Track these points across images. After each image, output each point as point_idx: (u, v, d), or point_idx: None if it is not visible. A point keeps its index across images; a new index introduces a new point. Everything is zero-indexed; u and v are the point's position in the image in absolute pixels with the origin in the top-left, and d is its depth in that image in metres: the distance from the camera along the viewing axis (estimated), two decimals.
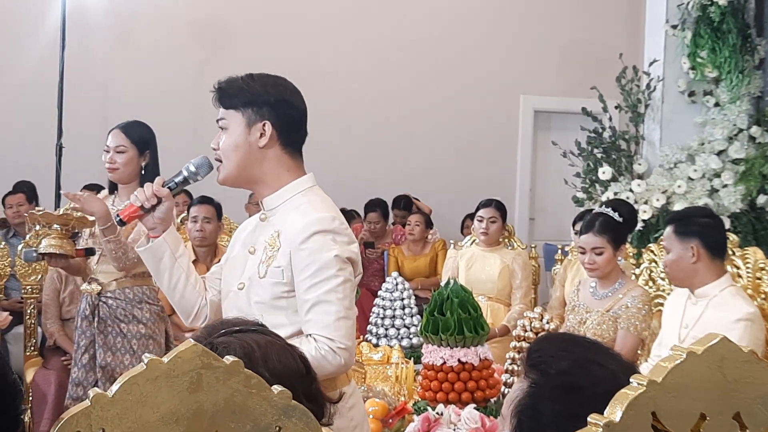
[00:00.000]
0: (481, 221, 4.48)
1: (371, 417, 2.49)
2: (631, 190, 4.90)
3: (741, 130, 4.94)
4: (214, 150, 1.90)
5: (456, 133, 7.44)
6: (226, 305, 1.97)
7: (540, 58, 7.54)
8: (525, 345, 2.99)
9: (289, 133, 1.89)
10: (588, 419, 0.77)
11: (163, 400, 0.75)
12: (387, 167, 7.20)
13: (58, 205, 5.60)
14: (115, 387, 0.74)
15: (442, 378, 2.78)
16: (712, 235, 2.96)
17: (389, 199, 6.71)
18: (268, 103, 1.86)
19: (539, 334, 2.91)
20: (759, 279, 3.18)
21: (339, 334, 1.77)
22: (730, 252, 3.32)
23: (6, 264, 4.25)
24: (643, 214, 4.76)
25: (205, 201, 4.23)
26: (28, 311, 4.15)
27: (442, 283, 2.94)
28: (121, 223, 1.97)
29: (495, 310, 4.36)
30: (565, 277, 4.30)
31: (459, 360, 2.76)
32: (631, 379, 0.78)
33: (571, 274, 4.24)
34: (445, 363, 2.77)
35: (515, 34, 7.56)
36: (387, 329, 3.68)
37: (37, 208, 3.36)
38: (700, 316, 2.89)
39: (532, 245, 5.37)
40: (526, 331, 3.06)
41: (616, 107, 5.37)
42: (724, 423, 0.80)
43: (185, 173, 1.95)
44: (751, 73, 5.02)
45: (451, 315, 2.74)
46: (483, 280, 4.40)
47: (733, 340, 0.82)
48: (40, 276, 4.18)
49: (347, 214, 4.83)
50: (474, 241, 4.72)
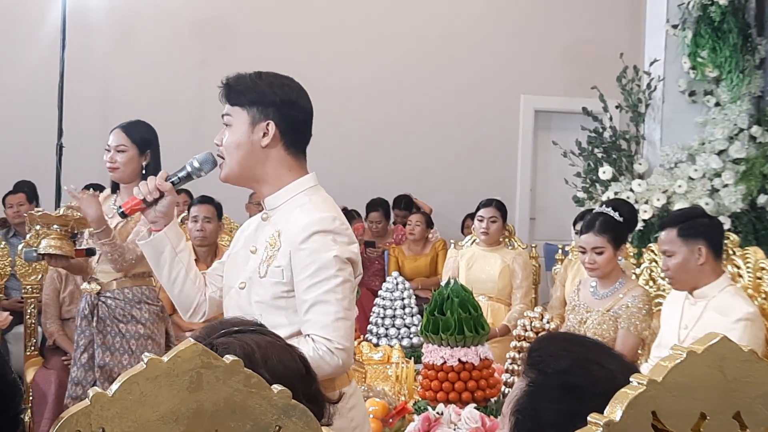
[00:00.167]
0: (481, 221, 4.48)
1: (371, 417, 2.49)
2: (631, 190, 4.90)
3: (741, 130, 4.93)
4: (217, 146, 1.90)
5: (457, 132, 7.44)
6: (228, 303, 1.97)
7: (541, 57, 7.54)
8: (525, 345, 2.99)
9: (293, 134, 1.88)
10: (588, 418, 0.77)
11: (163, 400, 0.74)
12: (387, 167, 7.20)
13: (58, 205, 5.59)
14: (115, 386, 0.74)
15: (442, 378, 2.78)
16: (716, 235, 2.97)
17: (390, 198, 6.71)
18: (273, 104, 1.85)
19: (540, 334, 2.91)
20: (759, 279, 3.17)
21: (337, 335, 1.76)
22: (731, 252, 3.32)
23: (6, 264, 4.25)
24: (644, 213, 4.76)
25: (205, 201, 4.23)
26: (29, 311, 4.15)
27: (443, 283, 2.94)
28: (123, 215, 1.97)
29: (495, 309, 4.35)
30: (566, 277, 4.30)
31: (459, 360, 2.76)
32: (631, 379, 0.78)
33: (572, 273, 4.24)
34: (445, 363, 2.77)
35: (516, 34, 7.55)
36: (387, 329, 3.68)
37: (36, 208, 3.36)
38: (699, 316, 2.89)
39: (533, 245, 5.37)
40: (526, 330, 3.06)
41: (617, 107, 5.37)
42: (725, 422, 0.80)
43: (189, 168, 1.95)
44: (752, 73, 5.02)
45: (452, 315, 2.73)
46: (483, 280, 4.39)
47: (733, 339, 0.82)
48: (40, 276, 4.18)
49: (348, 214, 4.81)
50: (474, 240, 4.72)
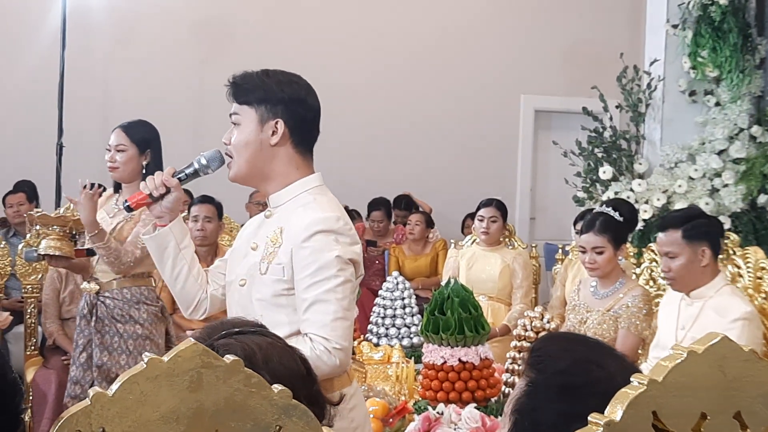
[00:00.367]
0: (481, 221, 4.48)
1: (372, 416, 2.49)
2: (631, 190, 4.90)
3: (742, 130, 4.93)
4: (226, 145, 1.89)
5: (457, 132, 7.44)
6: (230, 300, 1.97)
7: (541, 57, 7.54)
8: (525, 344, 2.99)
9: (301, 132, 1.88)
10: (588, 418, 0.77)
11: (164, 399, 0.74)
12: (388, 167, 7.19)
13: (58, 205, 5.59)
14: (115, 386, 0.74)
15: (442, 377, 2.78)
16: (717, 236, 2.96)
17: (390, 198, 6.71)
18: (282, 101, 1.84)
19: (540, 334, 2.91)
20: (760, 278, 3.17)
21: (335, 335, 1.75)
22: (731, 252, 3.32)
23: (6, 263, 4.25)
24: (644, 213, 4.76)
25: (205, 200, 4.23)
26: (29, 311, 4.15)
27: (443, 283, 2.94)
28: (129, 209, 1.98)
29: (495, 309, 4.35)
30: (566, 277, 4.30)
31: (459, 359, 2.76)
32: (631, 378, 0.78)
33: (572, 273, 4.24)
34: (445, 362, 2.77)
35: (516, 34, 7.55)
36: (387, 329, 3.68)
37: (36, 209, 3.36)
38: (696, 317, 2.88)
39: (533, 245, 5.37)
40: (526, 330, 3.06)
41: (617, 107, 5.37)
42: (725, 422, 0.80)
43: (196, 165, 1.95)
44: (752, 73, 5.01)
45: (452, 314, 2.73)
46: (483, 280, 4.39)
47: (732, 339, 0.82)
48: (40, 275, 4.18)
49: (348, 214, 4.80)
50: (475, 240, 4.72)
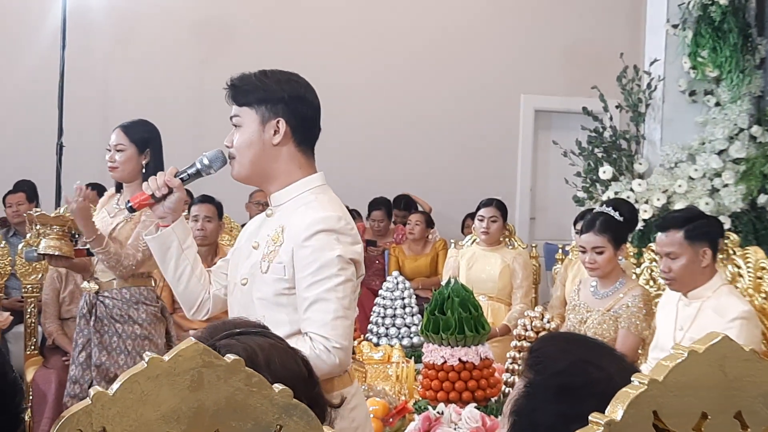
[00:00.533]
0: (481, 221, 4.48)
1: (372, 416, 2.49)
2: (631, 190, 4.90)
3: (742, 130, 4.93)
4: (228, 147, 1.89)
5: (457, 132, 7.44)
6: (231, 300, 1.97)
7: (541, 57, 7.54)
8: (525, 344, 2.99)
9: (303, 131, 1.88)
10: (589, 418, 0.77)
11: (164, 399, 0.74)
12: (387, 167, 7.19)
13: (58, 205, 5.59)
14: (115, 385, 0.74)
15: (442, 377, 2.78)
16: (718, 237, 2.96)
17: (390, 198, 6.70)
18: (282, 100, 1.84)
19: (540, 334, 2.91)
20: (760, 278, 3.17)
21: (335, 334, 1.75)
22: (731, 252, 3.32)
23: (6, 263, 4.25)
24: (644, 213, 4.76)
25: (206, 200, 4.23)
26: (29, 310, 4.15)
27: (443, 283, 2.94)
28: (131, 209, 1.98)
29: (496, 309, 4.35)
30: (566, 277, 4.30)
31: (460, 359, 2.76)
32: (632, 378, 0.78)
33: (572, 273, 4.24)
34: (445, 362, 2.77)
35: (516, 34, 7.55)
36: (388, 328, 3.68)
37: (35, 209, 3.36)
38: (695, 317, 2.88)
39: (533, 244, 5.37)
40: (526, 330, 3.06)
41: (617, 107, 5.37)
42: (726, 422, 0.80)
43: (198, 165, 1.94)
44: (752, 73, 5.02)
45: (452, 314, 2.74)
46: (484, 280, 4.39)
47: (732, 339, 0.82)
48: (40, 275, 4.18)
49: (349, 213, 4.80)
50: (475, 240, 4.72)
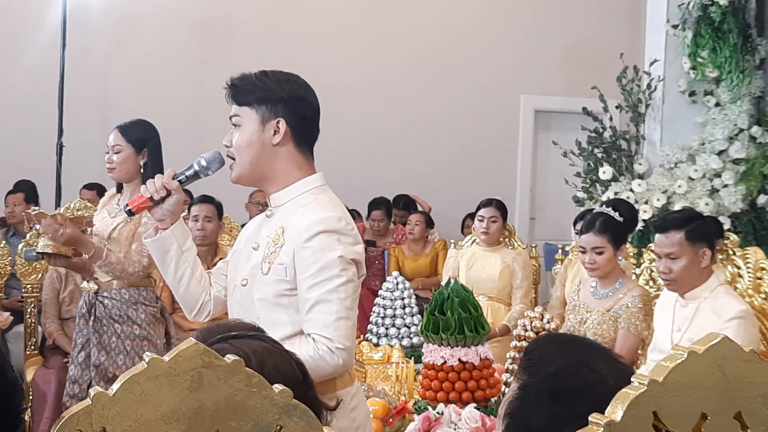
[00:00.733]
0: (481, 221, 4.48)
1: (371, 416, 2.49)
2: (631, 190, 4.91)
3: (741, 130, 4.94)
4: (227, 147, 1.89)
5: (457, 132, 7.44)
6: (231, 301, 1.96)
7: (541, 57, 7.54)
8: (525, 345, 2.99)
9: (302, 131, 1.87)
10: (589, 418, 0.77)
11: (164, 399, 0.74)
12: (387, 167, 7.19)
13: (58, 205, 5.58)
14: (116, 386, 0.74)
15: (442, 377, 2.78)
16: (716, 237, 2.97)
17: (389, 198, 6.70)
18: (282, 101, 1.84)
19: (540, 334, 2.91)
20: (759, 279, 3.18)
21: (338, 334, 1.75)
22: (731, 252, 3.32)
23: (6, 263, 4.25)
24: (644, 213, 4.76)
25: (206, 200, 4.23)
26: (29, 310, 4.15)
27: (443, 283, 2.94)
28: (130, 213, 1.97)
29: (495, 309, 4.35)
30: (566, 277, 4.30)
31: (459, 359, 2.76)
32: (632, 379, 0.79)
33: (572, 273, 4.24)
34: (445, 362, 2.77)
35: (516, 34, 7.55)
36: (387, 329, 3.67)
37: (33, 207, 3.35)
38: (692, 317, 2.88)
39: (533, 245, 5.37)
40: (526, 330, 3.06)
41: (617, 107, 5.37)
42: (725, 422, 0.80)
43: (196, 167, 1.94)
44: (752, 73, 5.02)
45: (452, 314, 2.74)
46: (483, 280, 4.39)
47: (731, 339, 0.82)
48: (40, 275, 4.18)
49: (349, 214, 4.81)
50: (474, 240, 4.72)
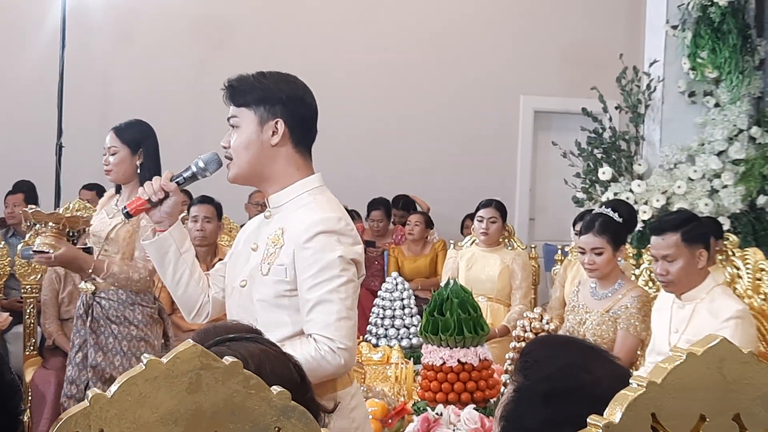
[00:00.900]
0: (481, 221, 4.48)
1: (371, 417, 2.48)
2: (631, 191, 4.91)
3: (741, 131, 4.94)
4: (225, 148, 1.89)
5: (456, 133, 7.44)
6: (230, 303, 1.96)
7: (540, 58, 7.54)
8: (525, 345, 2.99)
9: (301, 132, 1.87)
10: (588, 420, 0.77)
11: (162, 401, 0.74)
12: (387, 167, 7.19)
13: (57, 205, 5.58)
14: (114, 387, 0.74)
15: (441, 378, 2.78)
16: (710, 237, 2.97)
17: (389, 198, 6.70)
18: (280, 101, 1.84)
19: (539, 335, 2.91)
20: (759, 280, 3.18)
21: (339, 335, 1.75)
22: (730, 253, 3.32)
23: (6, 263, 4.25)
24: (643, 214, 4.76)
25: (205, 201, 4.23)
26: (28, 311, 4.14)
27: (442, 284, 2.94)
28: (128, 215, 1.96)
29: (495, 310, 4.35)
30: (565, 278, 4.30)
31: (459, 360, 2.76)
32: (630, 380, 0.79)
33: (571, 274, 4.24)
34: (444, 363, 2.77)
35: (516, 35, 7.55)
36: (387, 329, 3.67)
37: (30, 206, 3.35)
38: (689, 318, 2.88)
39: (532, 245, 5.37)
40: (525, 331, 3.05)
41: (617, 108, 5.37)
42: (724, 424, 0.80)
43: (194, 169, 1.94)
44: (752, 74, 5.02)
45: (451, 315, 2.73)
46: (483, 281, 4.39)
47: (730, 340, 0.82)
48: (39, 275, 4.18)
49: (348, 214, 4.81)
50: (474, 241, 4.72)
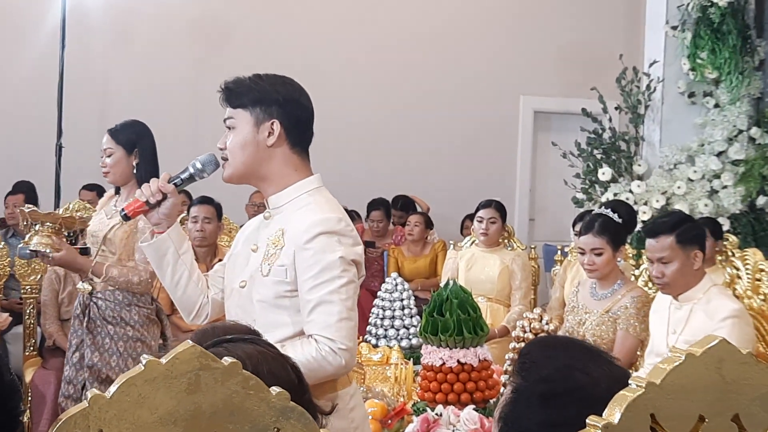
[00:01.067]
0: (480, 222, 4.48)
1: (370, 418, 2.48)
2: (630, 191, 4.91)
3: (741, 131, 4.94)
4: (221, 149, 1.89)
5: (456, 133, 7.44)
6: (229, 304, 1.97)
7: (540, 58, 7.54)
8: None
9: (297, 133, 1.88)
10: (587, 421, 0.77)
11: (161, 402, 0.74)
12: (387, 167, 7.19)
13: (57, 205, 5.59)
14: (113, 388, 0.74)
15: (441, 379, 2.78)
16: (704, 239, 2.97)
17: (389, 199, 6.70)
18: (276, 102, 1.85)
19: (539, 335, 2.91)
20: (758, 280, 3.18)
21: (340, 335, 1.76)
22: (730, 253, 3.32)
23: (5, 264, 4.24)
24: (643, 215, 4.76)
25: (205, 201, 4.23)
26: (28, 311, 4.14)
27: (442, 284, 2.94)
28: (126, 217, 1.96)
29: (494, 310, 4.35)
30: (565, 278, 4.30)
31: (458, 361, 2.76)
32: (630, 381, 0.79)
33: (571, 274, 4.24)
34: (444, 364, 2.77)
35: (515, 35, 7.56)
36: (386, 330, 3.67)
37: (27, 205, 3.35)
38: (687, 319, 2.89)
39: (532, 246, 5.37)
40: (525, 332, 3.05)
41: (616, 108, 5.37)
42: (723, 424, 0.80)
43: (191, 170, 1.94)
44: (751, 75, 5.02)
45: (451, 316, 2.73)
46: (482, 281, 4.39)
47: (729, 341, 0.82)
48: (39, 276, 4.17)
49: (348, 215, 4.81)
50: (474, 241, 4.71)
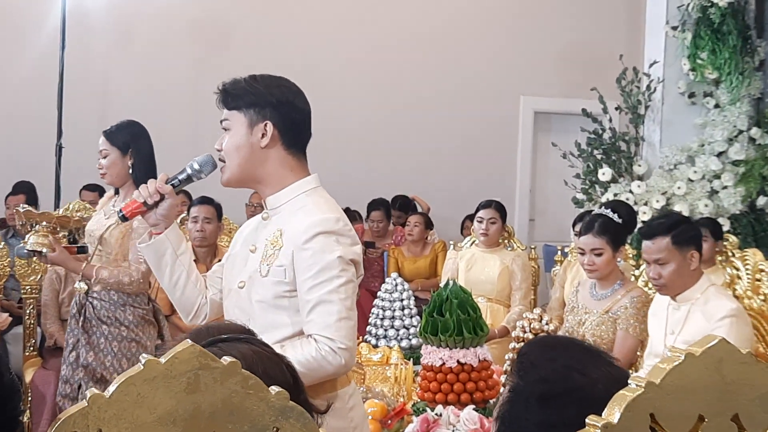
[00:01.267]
0: (480, 222, 4.48)
1: (370, 418, 2.48)
2: (630, 192, 4.90)
3: (741, 132, 4.94)
4: (218, 151, 1.91)
5: (456, 134, 7.44)
6: (228, 304, 1.97)
7: (540, 59, 7.54)
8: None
9: (291, 134, 1.89)
10: (586, 420, 0.77)
11: (161, 401, 0.74)
12: (387, 168, 7.19)
13: (57, 206, 5.59)
14: (112, 387, 0.74)
15: (441, 379, 2.78)
16: (701, 239, 2.97)
17: (389, 199, 6.70)
18: (270, 104, 1.86)
19: (538, 335, 2.91)
20: (758, 281, 3.18)
21: (340, 335, 1.76)
22: (730, 254, 3.32)
23: (5, 264, 4.25)
24: (643, 215, 4.76)
25: (205, 201, 4.23)
26: (28, 311, 4.14)
27: (442, 284, 2.94)
28: (124, 218, 1.97)
29: (494, 311, 4.35)
30: (565, 279, 4.30)
31: (458, 361, 2.76)
32: (629, 381, 0.79)
33: (571, 275, 4.24)
34: (444, 364, 2.77)
35: (515, 36, 7.55)
36: (386, 330, 3.67)
37: (22, 205, 3.35)
38: (685, 319, 2.89)
39: (532, 246, 5.37)
40: (525, 332, 3.05)
41: (616, 108, 5.37)
42: (723, 424, 0.80)
43: (189, 171, 1.95)
44: (751, 75, 5.02)
45: (451, 316, 2.73)
46: (482, 281, 4.39)
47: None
48: (39, 276, 4.17)
49: (349, 215, 4.80)
50: (474, 242, 4.72)
